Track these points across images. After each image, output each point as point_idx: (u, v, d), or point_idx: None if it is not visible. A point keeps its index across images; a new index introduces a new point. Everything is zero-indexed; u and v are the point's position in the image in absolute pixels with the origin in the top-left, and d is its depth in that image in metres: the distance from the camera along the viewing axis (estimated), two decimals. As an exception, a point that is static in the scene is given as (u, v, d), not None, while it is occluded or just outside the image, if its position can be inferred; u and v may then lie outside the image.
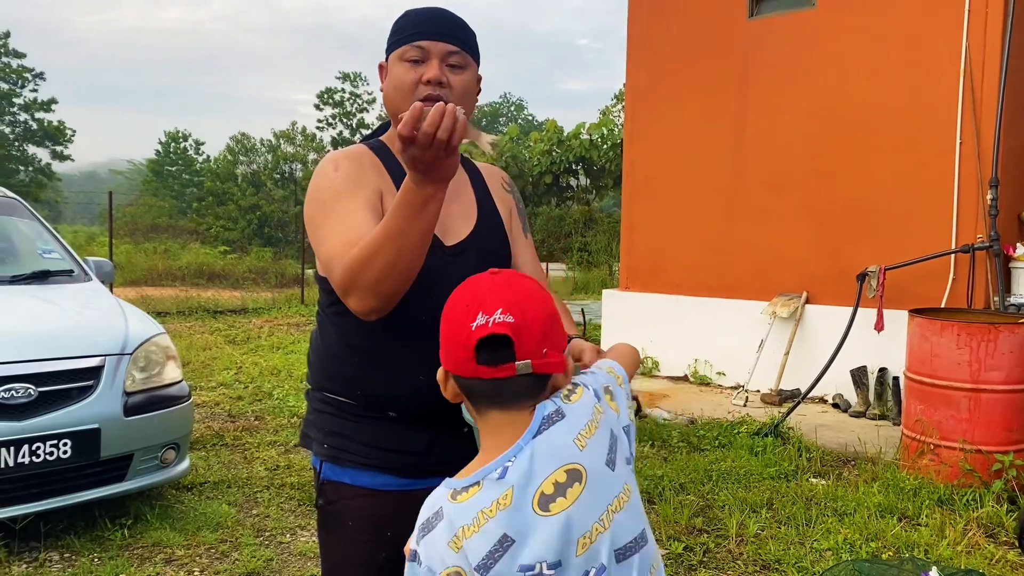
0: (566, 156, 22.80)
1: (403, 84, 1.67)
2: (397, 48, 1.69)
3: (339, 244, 1.54)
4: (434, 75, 1.65)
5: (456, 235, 1.74)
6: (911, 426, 4.61)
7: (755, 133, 7.24)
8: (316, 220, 1.63)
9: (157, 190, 46.39)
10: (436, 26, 1.68)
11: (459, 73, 1.70)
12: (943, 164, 6.23)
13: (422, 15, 1.70)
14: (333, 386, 1.75)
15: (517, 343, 1.16)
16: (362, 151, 1.74)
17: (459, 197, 1.79)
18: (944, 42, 6.21)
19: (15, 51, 38.23)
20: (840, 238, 6.75)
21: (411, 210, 1.40)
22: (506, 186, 1.92)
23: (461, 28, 1.72)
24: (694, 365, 7.49)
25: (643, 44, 8.06)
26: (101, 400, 3.63)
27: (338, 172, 1.66)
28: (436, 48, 1.67)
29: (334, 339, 1.73)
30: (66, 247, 4.86)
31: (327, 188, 1.64)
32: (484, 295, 1.21)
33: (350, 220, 1.57)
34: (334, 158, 1.70)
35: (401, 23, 1.71)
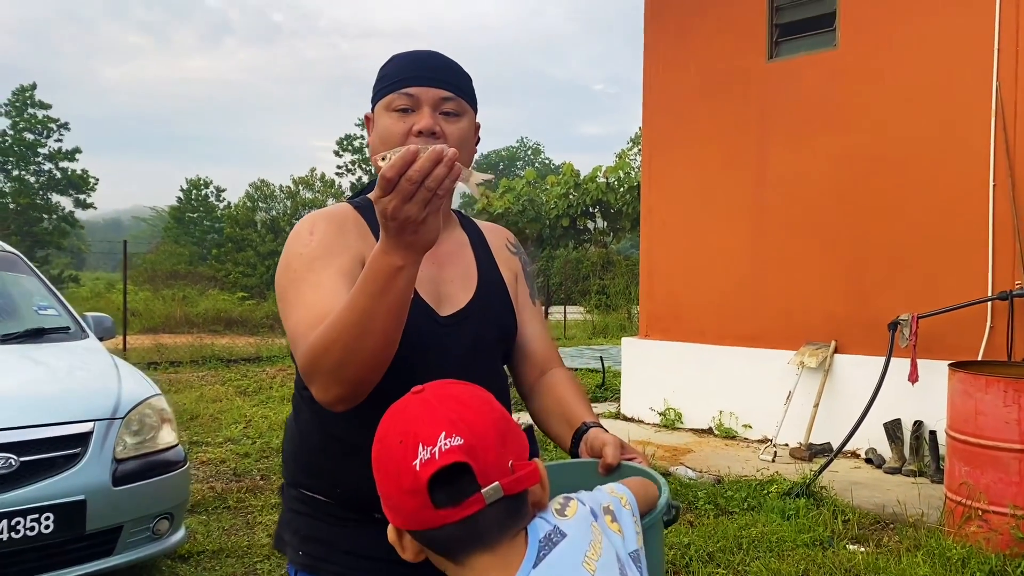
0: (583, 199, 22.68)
1: (392, 136, 1.45)
2: (384, 96, 1.48)
3: (304, 321, 1.32)
4: (426, 125, 1.44)
5: (453, 304, 1.51)
6: (956, 489, 4.29)
7: (777, 177, 7.02)
8: (285, 290, 1.41)
9: (178, 236, 46.76)
10: (426, 70, 1.47)
11: (454, 121, 1.48)
12: (976, 207, 5.97)
13: (409, 58, 1.50)
14: (310, 482, 1.52)
15: (476, 467, 0.94)
16: (345, 211, 1.52)
17: (457, 260, 1.57)
18: (973, 81, 5.99)
19: (41, 102, 38.91)
20: (869, 285, 6.48)
21: (378, 283, 1.17)
22: (511, 247, 1.69)
23: (454, 71, 1.51)
24: (719, 417, 7.19)
25: (659, 88, 7.91)
26: (88, 469, 3.40)
27: (313, 236, 1.44)
28: (427, 95, 1.46)
29: (310, 427, 1.51)
30: (64, 303, 4.69)
31: (299, 254, 1.42)
32: (417, 422, 0.98)
33: (320, 292, 1.35)
34: (311, 219, 1.48)
35: (387, 69, 1.51)
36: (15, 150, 38.22)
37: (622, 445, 1.39)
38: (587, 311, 22.62)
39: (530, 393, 1.63)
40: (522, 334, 1.63)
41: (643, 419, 7.72)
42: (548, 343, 1.67)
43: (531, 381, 1.63)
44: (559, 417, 1.53)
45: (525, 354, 1.64)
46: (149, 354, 13.17)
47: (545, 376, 1.62)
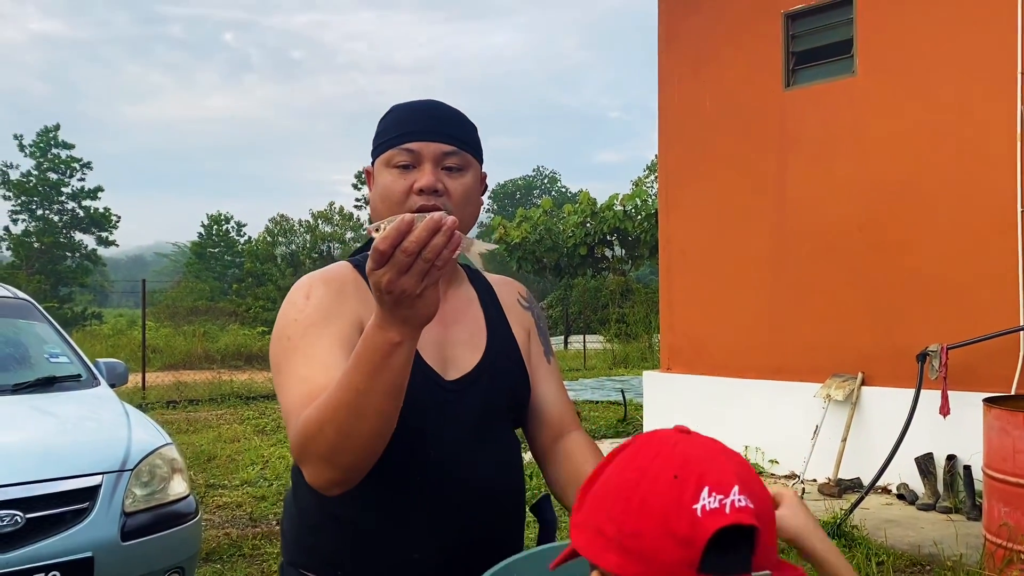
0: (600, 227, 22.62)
1: (391, 194, 1.36)
2: (383, 152, 1.39)
3: (296, 397, 1.24)
4: (428, 183, 1.35)
5: (460, 367, 1.41)
6: (995, 531, 4.11)
7: (797, 206, 6.91)
8: (279, 361, 1.32)
9: (200, 272, 47.16)
10: (427, 123, 1.38)
11: (458, 176, 1.39)
12: (1004, 233, 5.82)
13: (409, 111, 1.41)
14: (310, 562, 1.42)
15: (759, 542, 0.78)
16: (344, 272, 1.43)
17: (464, 319, 1.46)
18: (996, 105, 5.87)
19: (64, 142, 39.58)
20: (896, 315, 6.32)
21: (373, 360, 1.08)
22: (523, 301, 1.59)
23: (457, 123, 1.42)
24: (745, 452, 7.02)
25: (675, 117, 7.84)
26: (96, 524, 3.32)
27: (309, 301, 1.35)
28: (428, 150, 1.37)
29: (310, 504, 1.41)
30: (76, 350, 4.64)
31: (294, 321, 1.33)
32: (702, 462, 0.80)
33: (313, 365, 1.26)
34: (308, 283, 1.39)
35: (386, 122, 1.42)
36: (39, 190, 38.83)
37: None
38: (607, 340, 22.44)
39: (545, 459, 1.53)
40: (536, 395, 1.52)
41: (666, 454, 7.55)
42: (564, 404, 1.56)
43: (547, 446, 1.52)
44: (575, 486, 1.42)
45: (540, 417, 1.53)
46: (168, 392, 13.17)
47: (561, 441, 1.50)
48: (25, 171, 38.83)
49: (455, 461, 1.35)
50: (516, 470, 1.48)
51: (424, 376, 1.35)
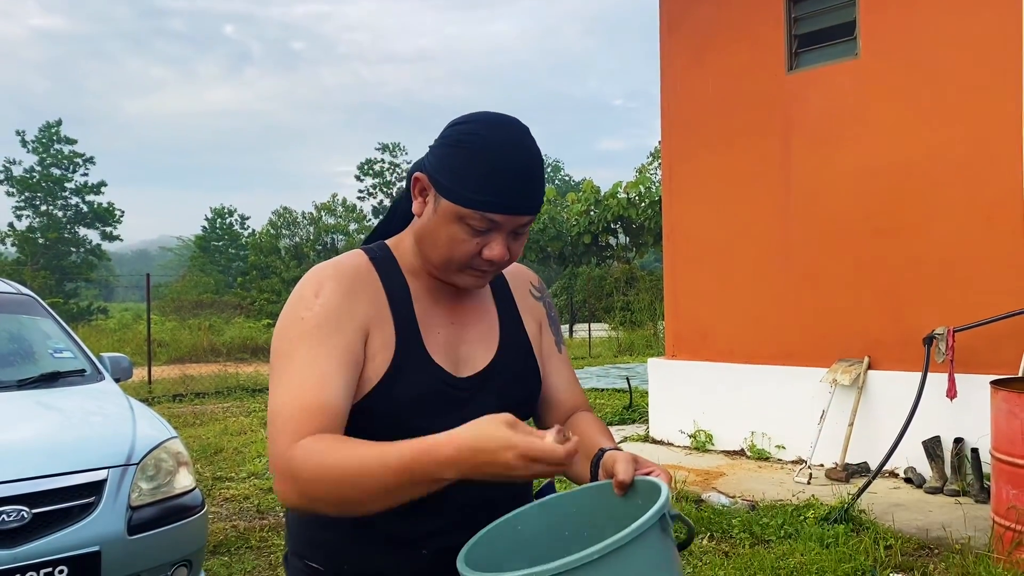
0: (604, 215, 22.59)
1: (456, 254, 1.31)
2: (464, 207, 1.27)
3: (288, 406, 1.22)
4: (499, 256, 1.30)
5: (472, 365, 1.40)
6: (1004, 513, 4.09)
7: (802, 190, 6.87)
8: (277, 357, 1.29)
9: (204, 265, 47.21)
10: (519, 196, 1.28)
11: (521, 237, 1.35)
12: (1010, 215, 5.78)
13: (504, 175, 1.27)
14: (316, 555, 1.40)
15: None
16: (359, 265, 1.38)
17: (478, 315, 1.45)
18: (1001, 86, 5.81)
19: (67, 138, 39.57)
20: (902, 298, 6.29)
21: (417, 485, 1.12)
22: (535, 291, 1.57)
23: (543, 190, 1.34)
24: (751, 438, 7.01)
25: (678, 103, 7.79)
26: (103, 518, 3.32)
27: (318, 299, 1.30)
28: (510, 222, 1.30)
29: None
30: (80, 345, 4.64)
31: (300, 319, 1.30)
32: None
33: (311, 374, 1.25)
34: (319, 278, 1.34)
35: (474, 167, 1.27)
36: (42, 186, 38.85)
37: (636, 460, 1.26)
38: (612, 328, 22.41)
39: None
40: (547, 385, 1.52)
41: (673, 442, 7.55)
42: (574, 391, 1.56)
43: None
44: (580, 456, 1.40)
45: (551, 404, 1.53)
46: (175, 386, 13.19)
47: (569, 420, 1.51)
48: (28, 167, 38.86)
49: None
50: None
51: (435, 378, 1.34)
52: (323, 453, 1.15)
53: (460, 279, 1.35)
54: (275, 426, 1.22)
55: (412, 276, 1.40)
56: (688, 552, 4.55)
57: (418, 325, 1.36)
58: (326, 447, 1.16)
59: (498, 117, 1.32)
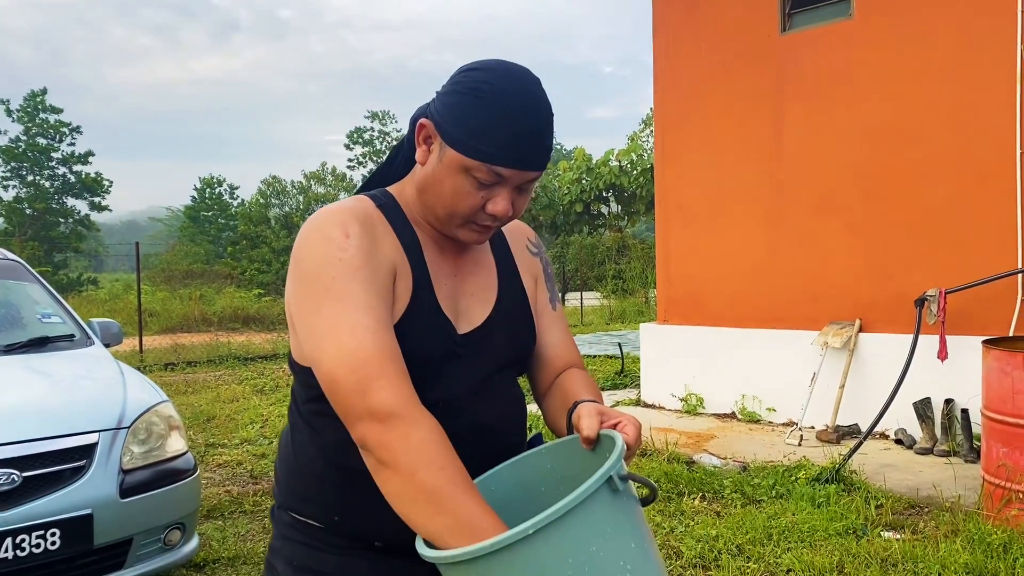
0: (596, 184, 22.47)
1: (460, 206, 1.27)
2: (466, 155, 1.23)
3: (373, 348, 1.17)
4: (504, 211, 1.27)
5: (471, 320, 1.37)
6: (994, 471, 4.12)
7: (794, 153, 6.83)
8: (324, 302, 1.20)
9: (194, 236, 46.92)
10: (528, 151, 1.25)
11: (525, 192, 1.31)
12: (1003, 177, 5.76)
13: (514, 129, 1.23)
14: (305, 508, 1.39)
15: None
16: (370, 211, 1.33)
17: (476, 270, 1.42)
18: (996, 46, 5.77)
19: (52, 107, 39.08)
20: (894, 261, 6.29)
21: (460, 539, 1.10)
22: (532, 247, 1.55)
23: (551, 146, 1.30)
24: (742, 401, 7.03)
25: (670, 66, 7.72)
26: (94, 481, 3.30)
27: (350, 240, 1.24)
28: (517, 177, 1.26)
29: (310, 451, 1.37)
30: (69, 310, 4.59)
31: (338, 260, 1.22)
32: None
33: (372, 315, 1.19)
34: (342, 219, 1.27)
35: (489, 124, 1.23)
36: (29, 155, 38.44)
37: (601, 413, 1.24)
38: (604, 296, 22.45)
39: (543, 398, 1.50)
40: (540, 341, 1.50)
41: (664, 405, 7.58)
42: (567, 348, 1.53)
43: (546, 386, 1.50)
44: (561, 410, 1.39)
45: (543, 361, 1.51)
46: (166, 355, 13.16)
47: (559, 376, 1.49)
48: (14, 136, 38.42)
49: (462, 414, 1.33)
50: (520, 422, 1.47)
51: (442, 328, 1.33)
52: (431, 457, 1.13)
53: (462, 232, 1.32)
54: (366, 370, 1.15)
55: (418, 226, 1.37)
56: (680, 512, 4.58)
57: (429, 274, 1.34)
58: (453, 462, 1.14)
59: (512, 67, 1.28)
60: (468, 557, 1.01)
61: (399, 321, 1.27)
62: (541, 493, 1.28)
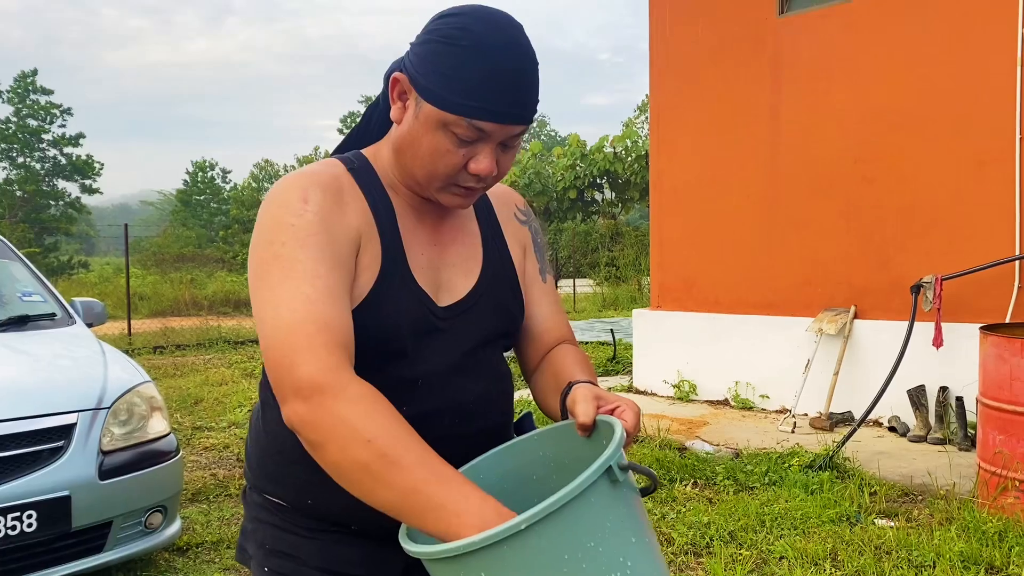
0: (590, 170, 22.37)
1: (439, 163, 1.17)
2: (449, 112, 1.13)
3: (303, 316, 1.08)
4: (487, 170, 1.17)
5: (453, 292, 1.29)
6: (990, 459, 4.07)
7: (791, 138, 6.75)
8: (266, 266, 1.13)
9: (186, 219, 46.65)
10: (510, 101, 1.14)
11: (511, 150, 1.20)
12: (1002, 162, 5.69)
13: (493, 82, 1.13)
14: (276, 489, 1.31)
15: None
16: (338, 174, 1.24)
17: (460, 239, 1.33)
18: (996, 30, 5.69)
19: (43, 88, 38.69)
20: (890, 247, 6.23)
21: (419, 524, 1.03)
22: (520, 215, 1.45)
23: (537, 98, 1.19)
24: (735, 388, 6.98)
25: (666, 48, 7.61)
26: (72, 463, 3.23)
27: (307, 205, 1.16)
28: (500, 132, 1.16)
29: (280, 428, 1.29)
30: (51, 289, 4.50)
31: (291, 226, 1.14)
32: None
33: (319, 286, 1.11)
34: (302, 184, 1.19)
35: (469, 75, 1.12)
36: (19, 137, 38.09)
37: (598, 397, 1.16)
38: (597, 284, 22.39)
39: (532, 374, 1.42)
40: (529, 315, 1.41)
41: (657, 392, 7.52)
42: (558, 322, 1.44)
43: (536, 361, 1.42)
44: (553, 389, 1.31)
45: (532, 336, 1.42)
46: (155, 338, 13.06)
47: (549, 353, 1.40)
48: (4, 118, 38.05)
49: (443, 391, 1.25)
50: (506, 401, 1.38)
51: (418, 301, 1.24)
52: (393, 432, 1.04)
53: (443, 196, 1.23)
54: (292, 341, 1.08)
55: (393, 191, 1.28)
56: (672, 498, 4.53)
57: (402, 243, 1.25)
58: (395, 426, 1.05)
59: (492, 11, 1.17)
60: (455, 553, 0.94)
61: (369, 294, 1.19)
62: (533, 482, 1.21)
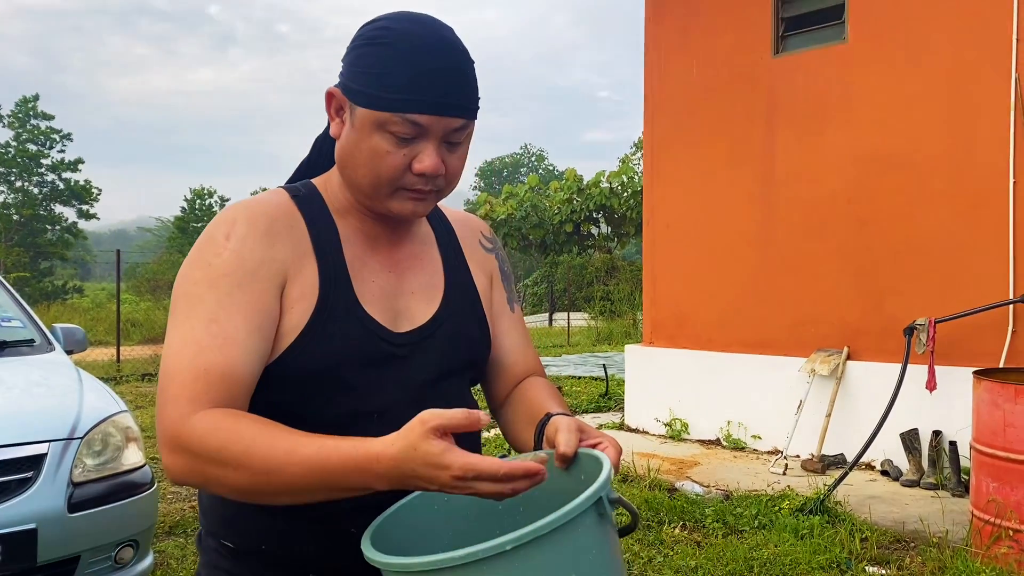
0: (586, 204, 22.45)
1: (381, 166, 1.12)
2: (381, 110, 1.09)
3: (189, 369, 1.06)
4: (431, 167, 1.12)
5: (412, 319, 1.22)
6: (983, 506, 3.99)
7: (785, 177, 6.74)
8: (176, 301, 1.12)
9: (182, 247, 46.58)
10: (443, 92, 1.10)
11: (458, 150, 1.16)
12: (996, 206, 5.67)
13: (422, 73, 1.09)
14: (231, 534, 1.24)
15: None
16: (279, 204, 1.20)
17: (419, 265, 1.27)
18: (990, 74, 5.70)
19: (44, 113, 38.89)
20: (883, 288, 6.19)
21: (336, 490, 1.01)
22: (486, 242, 1.40)
23: (471, 87, 1.14)
24: (727, 428, 6.89)
25: (661, 85, 7.64)
26: (40, 494, 3.13)
27: (229, 243, 1.13)
28: (439, 125, 1.11)
29: None
30: (30, 314, 4.43)
31: (207, 265, 1.12)
32: None
33: (214, 331, 1.08)
34: (231, 218, 1.15)
35: (395, 70, 1.09)
36: (18, 161, 38.19)
37: (581, 429, 1.10)
38: (591, 317, 22.33)
39: (501, 407, 1.36)
40: (497, 347, 1.35)
41: (648, 430, 7.43)
42: (527, 354, 1.38)
43: (505, 396, 1.36)
44: (526, 421, 1.24)
45: (501, 368, 1.36)
46: (144, 365, 12.94)
47: (518, 385, 1.34)
48: (3, 142, 38.17)
49: (399, 424, 1.18)
50: (469, 436, 1.30)
51: (365, 329, 1.17)
52: (233, 433, 1.01)
53: (394, 204, 1.16)
54: (168, 390, 1.06)
55: (343, 217, 1.23)
56: (660, 541, 4.43)
57: (347, 269, 1.19)
58: (234, 426, 1.02)
59: (415, 13, 1.15)
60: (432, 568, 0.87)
61: (306, 325, 1.14)
62: (498, 512, 1.14)
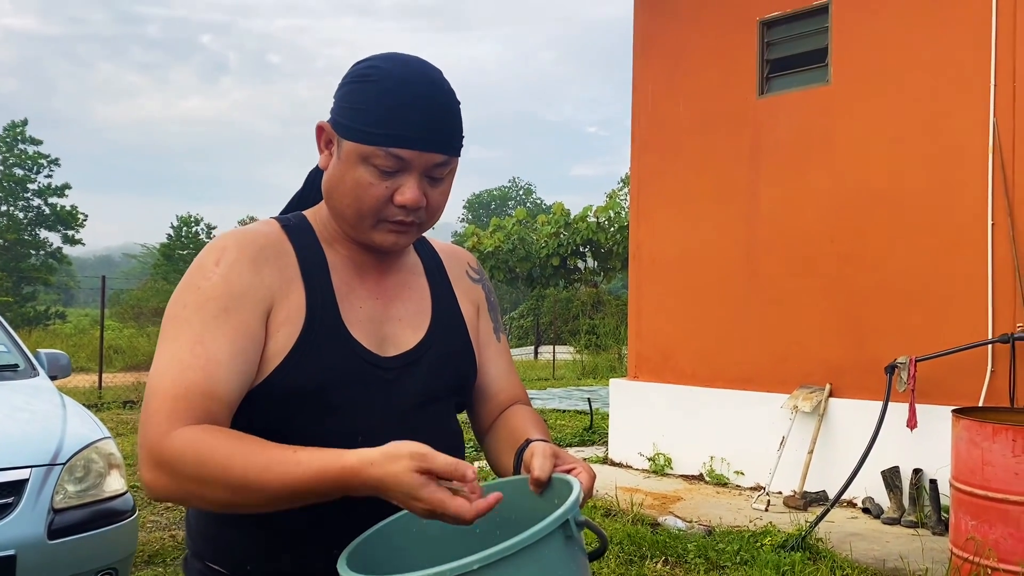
0: (573, 239, 22.59)
1: (366, 199, 1.17)
2: (365, 144, 1.15)
3: (172, 387, 1.10)
4: (413, 200, 1.17)
5: (399, 345, 1.26)
6: (962, 545, 4.02)
7: (769, 215, 6.84)
8: (166, 324, 1.17)
9: (167, 273, 46.38)
10: (425, 128, 1.16)
11: (440, 185, 1.21)
12: (975, 246, 5.77)
13: (405, 109, 1.15)
14: (217, 557, 1.26)
15: None
16: (269, 233, 1.25)
17: (407, 293, 1.31)
18: (970, 117, 5.83)
19: (32, 138, 38.83)
20: (865, 326, 6.26)
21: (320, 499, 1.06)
22: (473, 273, 1.44)
23: (454, 125, 1.20)
24: (710, 463, 6.91)
25: (648, 123, 7.76)
26: (20, 521, 3.11)
27: (217, 268, 1.18)
28: (420, 160, 1.16)
29: None
30: (15, 339, 4.42)
31: (196, 288, 1.17)
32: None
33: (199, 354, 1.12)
34: (222, 246, 1.21)
35: (373, 101, 1.15)
36: (4, 185, 38.03)
37: (556, 455, 1.13)
38: (576, 351, 22.34)
39: (486, 434, 1.39)
40: (483, 375, 1.39)
41: (632, 464, 7.43)
42: (512, 382, 1.43)
43: (489, 423, 1.40)
44: (508, 447, 1.28)
45: (486, 395, 1.40)
46: (126, 392, 12.83)
47: (503, 413, 1.38)
48: (-10, 166, 38.05)
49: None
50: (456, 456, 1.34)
51: (351, 352, 1.21)
52: (210, 449, 1.05)
53: (376, 235, 1.22)
54: (150, 406, 1.10)
55: (331, 246, 1.28)
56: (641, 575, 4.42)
57: (335, 295, 1.24)
58: (212, 442, 1.05)
59: (402, 54, 1.22)
60: None
61: (292, 348, 1.18)
62: (476, 534, 1.16)
